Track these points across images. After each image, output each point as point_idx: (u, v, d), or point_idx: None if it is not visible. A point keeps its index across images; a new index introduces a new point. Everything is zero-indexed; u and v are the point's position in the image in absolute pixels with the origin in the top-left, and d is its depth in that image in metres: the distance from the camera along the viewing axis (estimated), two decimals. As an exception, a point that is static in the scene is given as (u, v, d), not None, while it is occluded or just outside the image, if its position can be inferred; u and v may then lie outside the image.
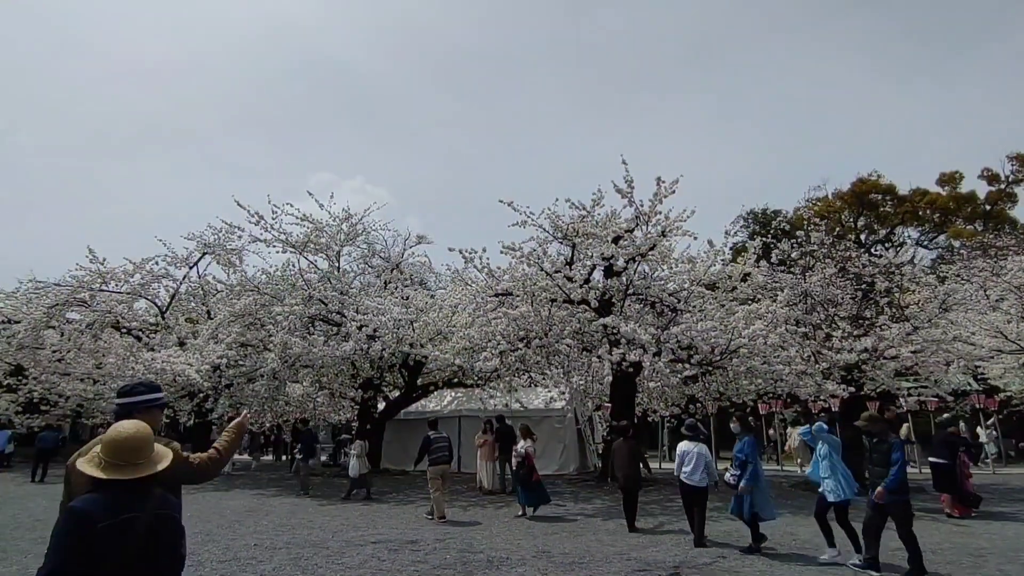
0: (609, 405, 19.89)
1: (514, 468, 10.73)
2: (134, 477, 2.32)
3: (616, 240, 14.38)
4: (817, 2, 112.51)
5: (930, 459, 10.19)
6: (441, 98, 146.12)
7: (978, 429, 20.02)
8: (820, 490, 7.08)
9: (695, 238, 14.92)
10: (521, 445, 10.68)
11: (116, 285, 19.99)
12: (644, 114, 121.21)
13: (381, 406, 19.00)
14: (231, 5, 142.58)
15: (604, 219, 14.23)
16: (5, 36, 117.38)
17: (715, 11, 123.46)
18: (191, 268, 20.71)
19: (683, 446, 7.87)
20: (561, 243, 14.50)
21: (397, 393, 19.34)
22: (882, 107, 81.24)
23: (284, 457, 25.44)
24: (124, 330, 19.65)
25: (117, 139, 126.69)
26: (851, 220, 40.30)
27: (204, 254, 20.34)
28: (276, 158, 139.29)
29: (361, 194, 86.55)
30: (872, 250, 23.20)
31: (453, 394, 19.97)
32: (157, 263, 19.79)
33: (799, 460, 19.69)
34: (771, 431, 22.14)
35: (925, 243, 40.15)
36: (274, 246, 17.63)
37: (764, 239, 14.12)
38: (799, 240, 13.54)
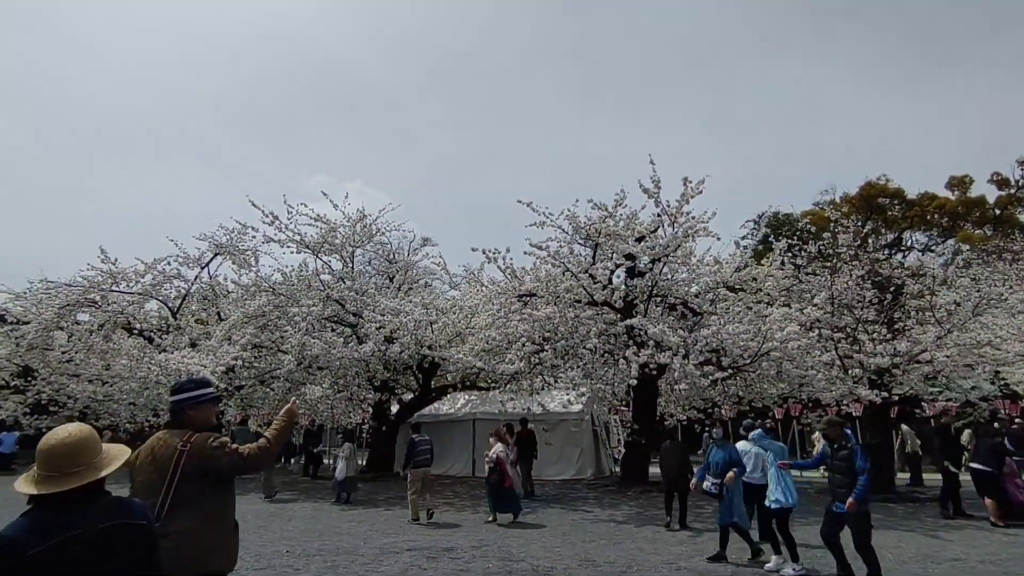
0: (624, 409, 19.71)
1: (486, 474, 10.57)
2: (68, 488, 1.96)
3: (639, 240, 14.21)
4: (823, 5, 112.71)
5: (972, 465, 9.98)
6: (439, 101, 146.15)
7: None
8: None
9: (718, 239, 14.79)
10: (494, 450, 10.48)
11: (127, 285, 19.78)
12: (644, 116, 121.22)
13: (395, 408, 18.75)
14: (228, 6, 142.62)
15: (626, 219, 14.07)
16: (2, 36, 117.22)
17: (717, 15, 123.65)
18: (202, 269, 20.52)
19: (741, 446, 7.83)
20: (582, 244, 14.32)
21: (411, 396, 19.11)
22: (889, 110, 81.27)
23: (291, 460, 25.15)
24: (136, 331, 19.41)
25: (112, 139, 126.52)
26: (859, 224, 40.23)
27: (216, 254, 20.15)
28: (275, 160, 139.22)
29: (360, 197, 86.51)
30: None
31: (467, 397, 19.73)
32: (169, 263, 19.58)
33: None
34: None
35: (933, 247, 40.04)
36: (288, 246, 17.45)
37: (790, 241, 13.91)
38: (826, 242, 13.34)
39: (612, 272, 13.01)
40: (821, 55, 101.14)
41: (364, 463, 20.38)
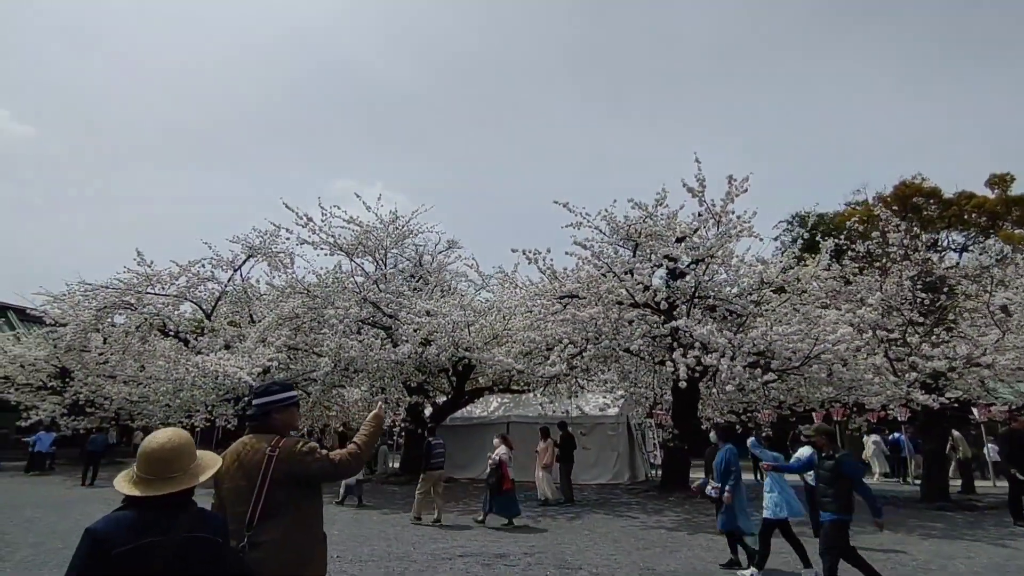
0: (660, 412, 19.36)
1: (487, 475, 10.64)
2: (164, 493, 2.00)
3: (679, 241, 13.92)
4: (857, 3, 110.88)
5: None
6: (457, 104, 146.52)
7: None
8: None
9: (761, 239, 14.48)
10: (496, 453, 10.63)
11: (161, 288, 19.97)
12: (666, 117, 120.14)
13: (428, 411, 18.63)
14: (255, 16, 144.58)
15: (666, 219, 13.80)
16: (35, 43, 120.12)
17: (740, 14, 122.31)
18: (235, 271, 20.65)
19: (804, 451, 7.60)
20: (621, 245, 14.08)
21: (443, 398, 18.98)
22: (923, 108, 79.55)
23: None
24: (171, 333, 19.58)
25: (139, 145, 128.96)
26: (908, 224, 39.25)
27: (248, 256, 20.26)
28: (298, 165, 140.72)
29: (382, 200, 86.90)
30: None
31: (500, 399, 19.55)
32: (203, 266, 19.72)
33: (876, 470, 18.96)
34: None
35: (970, 247, 38.91)
36: (321, 248, 17.44)
37: (837, 241, 13.50)
38: (876, 241, 12.92)
39: (652, 273, 12.73)
40: (849, 52, 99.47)
41: (398, 466, 20.33)
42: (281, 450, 2.74)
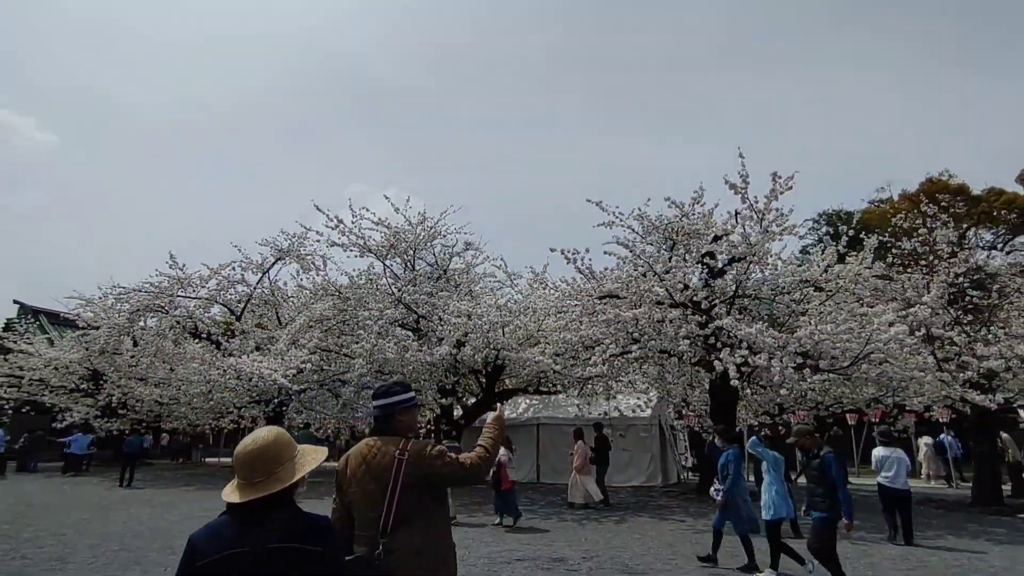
0: (690, 414, 19.15)
1: (488, 476, 10.54)
2: (250, 499, 1.84)
3: (717, 239, 13.75)
4: None
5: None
6: (469, 107, 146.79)
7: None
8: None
9: (800, 237, 14.29)
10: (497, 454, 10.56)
11: (192, 290, 20.11)
12: (678, 118, 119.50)
13: (457, 413, 18.57)
14: (265, 18, 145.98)
15: (703, 217, 13.65)
16: (63, 54, 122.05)
17: (750, 12, 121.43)
18: (264, 274, 20.74)
19: (881, 452, 7.61)
20: (654, 245, 13.94)
21: (472, 400, 18.91)
22: (951, 100, 78.40)
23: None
24: (204, 335, 19.70)
25: (150, 147, 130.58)
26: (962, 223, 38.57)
27: (277, 259, 20.34)
28: (311, 169, 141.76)
29: (395, 203, 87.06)
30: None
31: (529, 401, 19.44)
32: (234, 269, 19.83)
33: (929, 472, 18.61)
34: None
35: (1000, 246, 38.15)
36: (351, 250, 17.45)
37: (881, 238, 13.26)
38: (922, 238, 12.66)
39: (693, 272, 12.58)
40: (868, 46, 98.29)
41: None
42: (410, 453, 2.65)
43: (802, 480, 7.37)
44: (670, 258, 12.83)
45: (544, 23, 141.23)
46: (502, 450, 10.70)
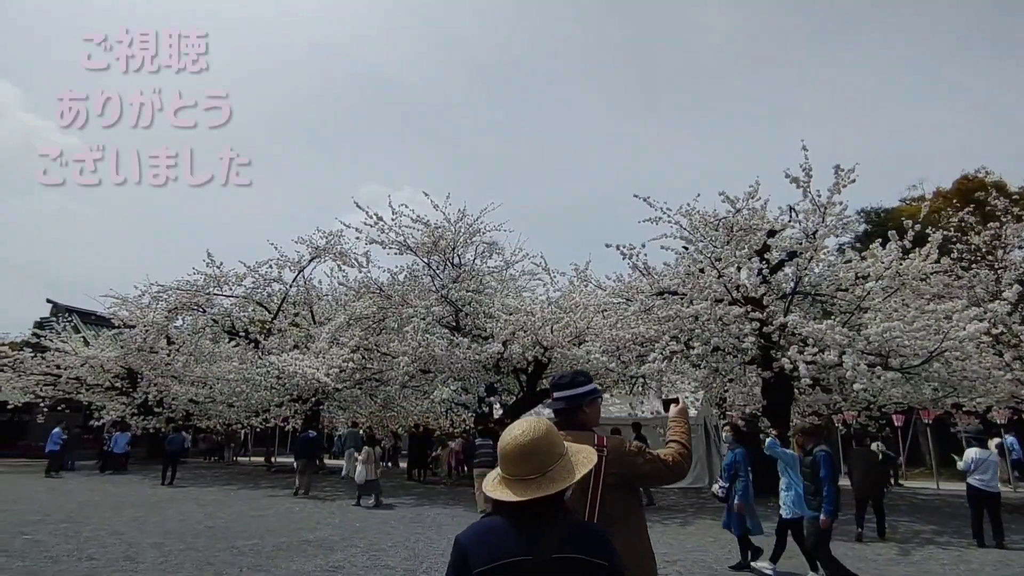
0: (733, 414, 18.75)
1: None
2: (526, 499, 1.61)
3: (772, 234, 13.39)
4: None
5: None
6: (482, 106, 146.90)
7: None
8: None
9: (856, 234, 13.91)
10: None
11: (229, 289, 20.08)
12: (700, 116, 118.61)
13: (498, 413, 18.32)
14: (279, 22, 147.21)
15: (758, 212, 13.31)
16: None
17: (769, 9, 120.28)
18: (299, 272, 20.67)
19: (976, 453, 7.35)
20: (705, 240, 13.62)
21: (511, 399, 18.65)
22: (984, 93, 76.92)
23: (389, 464, 25.00)
24: (241, 334, 19.65)
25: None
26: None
27: (314, 257, 20.25)
28: (325, 170, 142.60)
29: (411, 204, 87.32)
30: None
31: (568, 401, 19.15)
32: (271, 267, 19.77)
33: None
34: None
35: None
36: (391, 248, 17.27)
37: (946, 233, 12.82)
38: (993, 232, 12.21)
39: (759, 269, 12.23)
40: (897, 39, 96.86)
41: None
42: (609, 450, 2.39)
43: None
44: (732, 253, 12.50)
45: (559, 20, 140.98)
46: None
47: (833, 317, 12.54)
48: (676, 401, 2.89)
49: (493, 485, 1.72)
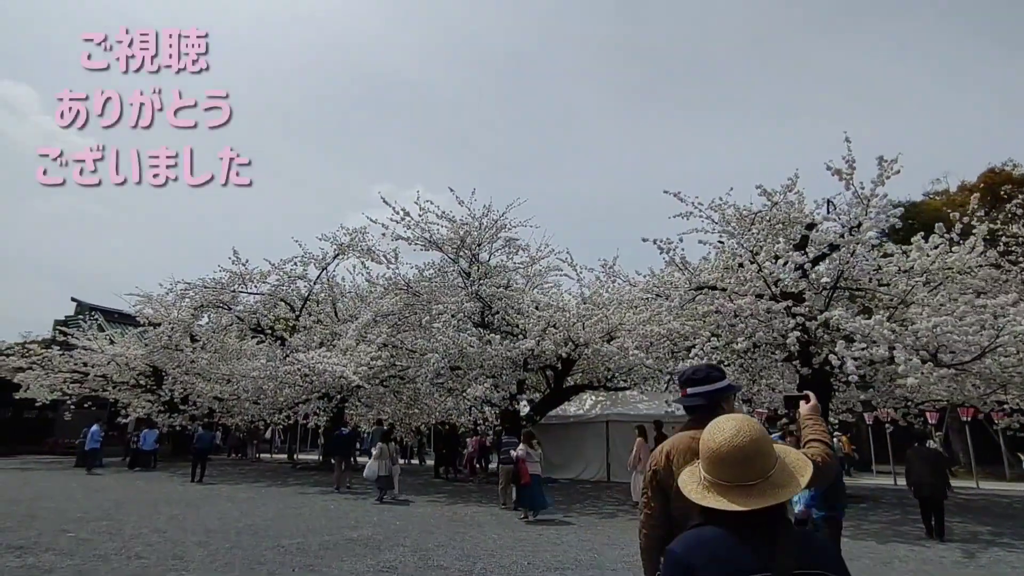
0: (764, 412, 18.46)
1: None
2: (750, 509, 1.45)
3: (810, 228, 13.12)
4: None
5: None
6: (492, 104, 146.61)
7: None
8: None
9: (899, 224, 13.65)
10: (517, 450, 11.15)
11: (254, 286, 20.07)
12: (709, 112, 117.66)
13: (524, 410, 18.15)
14: (290, 21, 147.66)
15: (794, 205, 13.05)
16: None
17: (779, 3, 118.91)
18: (323, 270, 20.62)
19: None
20: (737, 236, 13.37)
21: (537, 396, 18.49)
22: (1013, 87, 75.63)
23: (412, 461, 24.95)
24: (267, 332, 19.63)
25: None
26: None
27: (338, 255, 20.18)
28: (335, 171, 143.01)
29: (425, 202, 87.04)
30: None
31: (595, 397, 18.96)
32: (295, 264, 19.73)
33: None
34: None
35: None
36: (417, 244, 17.13)
37: (992, 226, 12.49)
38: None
39: (804, 262, 11.95)
40: (917, 28, 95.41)
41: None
42: None
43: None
44: (771, 248, 12.24)
45: (570, 18, 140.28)
46: (521, 446, 11.08)
47: (876, 312, 12.25)
48: (806, 398, 2.70)
49: (700, 492, 1.55)
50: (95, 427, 18.63)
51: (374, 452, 13.00)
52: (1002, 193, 38.14)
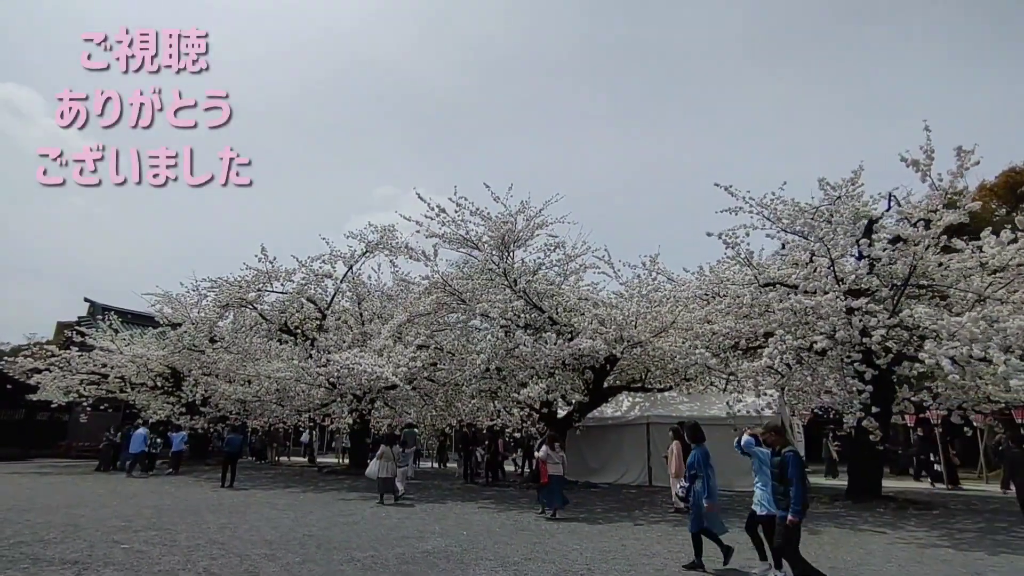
0: (806, 412, 17.92)
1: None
2: None
3: (874, 221, 12.67)
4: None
5: None
6: (493, 106, 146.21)
7: None
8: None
9: (968, 218, 13.20)
10: (539, 452, 11.46)
11: (279, 284, 19.52)
12: (714, 114, 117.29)
13: (562, 412, 17.61)
14: (291, 23, 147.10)
15: (859, 198, 12.59)
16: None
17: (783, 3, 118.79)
18: (349, 268, 20.08)
19: None
20: (794, 232, 12.91)
21: (576, 397, 17.94)
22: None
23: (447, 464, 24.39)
24: (296, 332, 19.08)
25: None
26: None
27: (365, 252, 19.65)
28: (340, 172, 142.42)
29: (423, 205, 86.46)
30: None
31: (633, 399, 18.43)
32: (323, 262, 19.19)
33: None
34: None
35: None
36: (452, 242, 16.57)
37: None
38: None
39: (886, 256, 11.46)
40: (936, 25, 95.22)
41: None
42: None
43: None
44: (837, 244, 11.76)
45: (572, 17, 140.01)
46: (543, 448, 11.29)
47: (946, 309, 11.77)
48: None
49: None
50: (142, 430, 18.06)
51: (377, 454, 12.78)
52: (1022, 192, 37.83)
